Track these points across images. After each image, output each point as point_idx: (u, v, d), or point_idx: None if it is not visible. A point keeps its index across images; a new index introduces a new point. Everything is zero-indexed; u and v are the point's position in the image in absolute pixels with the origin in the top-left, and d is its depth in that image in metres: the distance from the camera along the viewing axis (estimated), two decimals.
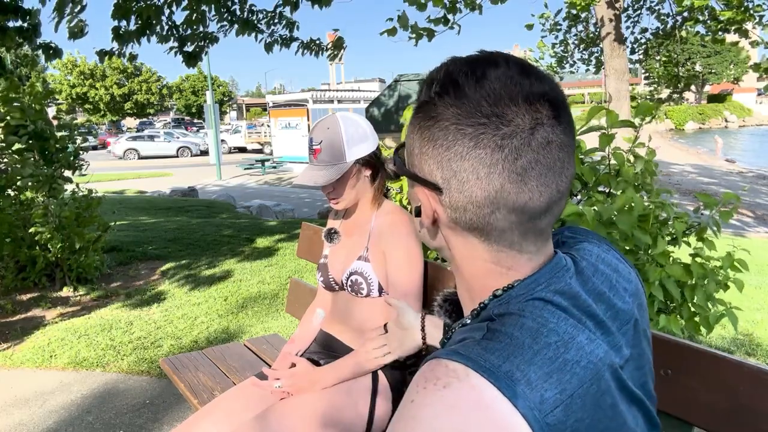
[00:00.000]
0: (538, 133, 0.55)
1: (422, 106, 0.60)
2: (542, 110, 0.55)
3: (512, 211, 0.57)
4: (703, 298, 1.70)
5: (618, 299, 0.63)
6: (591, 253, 0.67)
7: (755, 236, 7.96)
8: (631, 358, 0.62)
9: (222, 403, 1.46)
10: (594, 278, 0.63)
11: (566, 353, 0.53)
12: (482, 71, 0.56)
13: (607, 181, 1.87)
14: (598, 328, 0.58)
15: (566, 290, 0.59)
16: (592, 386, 0.53)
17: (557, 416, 0.50)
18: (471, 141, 0.55)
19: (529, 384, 0.50)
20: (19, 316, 3.85)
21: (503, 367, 0.50)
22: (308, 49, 5.88)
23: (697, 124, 42.41)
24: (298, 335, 1.69)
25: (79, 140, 4.41)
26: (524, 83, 0.56)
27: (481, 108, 0.55)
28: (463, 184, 0.57)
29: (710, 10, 9.08)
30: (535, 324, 0.54)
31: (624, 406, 0.58)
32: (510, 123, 0.55)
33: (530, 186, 0.56)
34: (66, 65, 38.51)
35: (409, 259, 1.46)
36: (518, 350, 0.52)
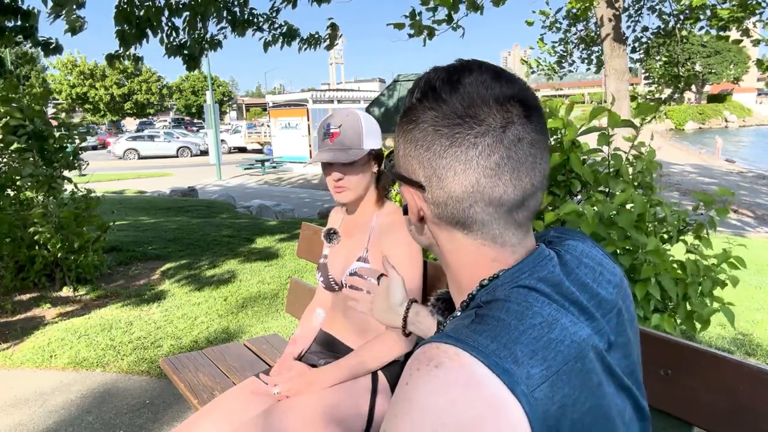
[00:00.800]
0: (509, 131, 0.60)
1: (406, 111, 0.66)
2: (513, 110, 0.61)
3: (489, 204, 0.62)
4: (698, 295, 1.70)
5: (602, 289, 0.66)
6: (575, 248, 0.70)
7: (755, 236, 7.97)
8: (616, 344, 0.65)
9: (222, 403, 1.46)
10: (578, 270, 0.66)
11: (550, 333, 0.56)
12: (457, 77, 0.62)
13: (607, 181, 1.87)
14: (581, 313, 0.61)
15: (549, 278, 0.62)
16: (577, 364, 0.56)
17: (544, 391, 0.52)
18: (447, 140, 0.61)
19: (515, 361, 0.53)
20: (19, 316, 3.85)
21: (491, 346, 0.54)
22: (308, 44, 5.88)
23: (697, 124, 42.41)
24: (300, 335, 1.69)
25: (78, 140, 4.41)
26: (495, 86, 0.61)
27: (456, 110, 0.60)
28: (442, 181, 0.62)
29: (711, 8, 9.08)
30: (520, 307, 0.58)
31: (611, 390, 0.60)
32: (482, 122, 0.60)
33: (504, 180, 0.61)
34: (66, 65, 38.50)
35: (410, 258, 1.46)
36: (504, 331, 0.55)
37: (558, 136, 1.98)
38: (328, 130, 1.46)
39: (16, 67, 6.45)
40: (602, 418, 0.57)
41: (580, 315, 0.61)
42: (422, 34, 5.40)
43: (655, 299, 1.69)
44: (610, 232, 1.72)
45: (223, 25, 5.59)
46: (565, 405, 0.54)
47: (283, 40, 5.78)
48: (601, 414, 0.57)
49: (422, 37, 5.42)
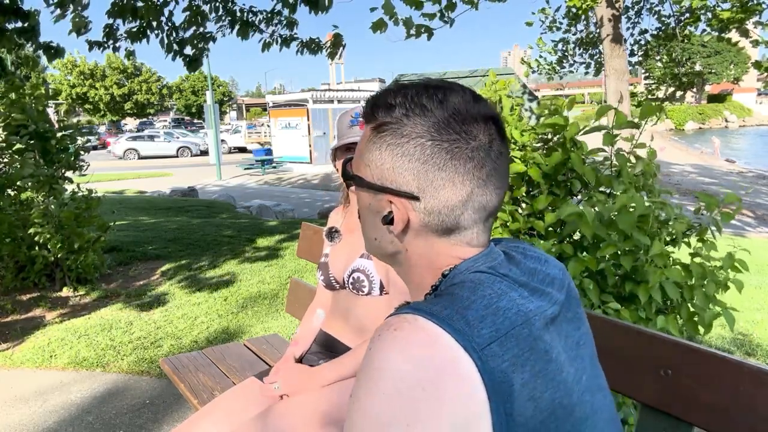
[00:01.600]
0: (494, 146, 0.68)
1: (386, 126, 0.69)
2: (493, 128, 0.68)
3: (477, 210, 0.69)
4: (703, 298, 1.70)
5: (550, 268, 0.75)
6: (519, 246, 0.78)
7: (756, 236, 7.96)
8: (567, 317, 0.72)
9: (222, 403, 1.46)
10: (525, 260, 0.74)
11: (499, 302, 0.63)
12: (443, 95, 0.67)
13: (609, 182, 1.87)
14: (531, 292, 0.68)
15: (502, 264, 0.70)
16: (524, 329, 0.62)
17: (493, 349, 0.58)
18: (447, 154, 0.66)
19: (467, 323, 0.59)
20: (19, 316, 3.85)
21: (444, 312, 0.60)
22: (307, 48, 5.87)
23: (697, 124, 42.39)
24: (301, 336, 1.68)
25: (80, 140, 4.41)
26: (478, 106, 0.68)
27: (452, 126, 0.66)
28: (438, 191, 0.67)
29: (711, 10, 9.08)
30: (472, 285, 0.65)
31: (562, 357, 0.66)
32: (476, 138, 0.67)
33: (490, 189, 0.69)
34: (66, 65, 38.52)
35: None
36: (457, 300, 0.62)
37: (560, 135, 1.98)
38: (357, 118, 1.49)
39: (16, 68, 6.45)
40: (553, 381, 0.62)
41: (527, 292, 0.67)
42: (420, 35, 5.37)
43: (657, 302, 1.68)
44: (610, 233, 1.72)
45: (223, 23, 5.57)
46: (515, 365, 0.59)
47: (282, 42, 5.77)
48: (552, 377, 0.62)
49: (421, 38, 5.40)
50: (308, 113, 19.14)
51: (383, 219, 0.71)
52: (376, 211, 0.73)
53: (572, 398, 0.65)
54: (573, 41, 12.34)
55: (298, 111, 19.60)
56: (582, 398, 0.67)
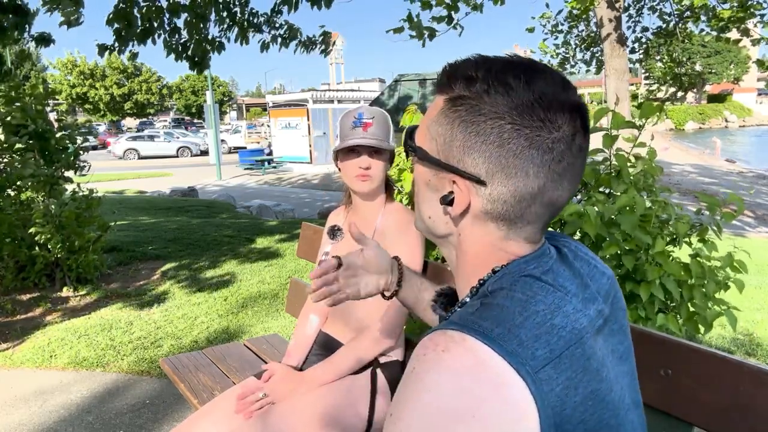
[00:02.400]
0: (577, 140, 0.62)
1: (462, 99, 0.63)
2: (578, 120, 0.62)
3: (545, 205, 0.64)
4: (702, 298, 1.70)
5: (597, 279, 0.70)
6: (571, 244, 0.74)
7: (756, 236, 7.96)
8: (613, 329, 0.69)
9: (221, 403, 1.46)
10: (575, 262, 0.70)
11: (553, 319, 0.58)
12: (530, 75, 0.61)
13: (608, 182, 1.87)
14: (581, 302, 0.63)
15: (553, 269, 0.65)
16: (578, 349, 0.58)
17: (548, 372, 0.54)
18: (526, 141, 0.60)
19: (520, 343, 0.54)
20: (19, 316, 3.85)
21: (496, 330, 0.55)
22: (303, 47, 5.88)
23: (697, 124, 42.38)
24: (293, 347, 1.65)
25: (80, 140, 4.41)
26: (566, 94, 0.62)
27: (536, 111, 0.60)
28: (509, 179, 0.61)
29: (711, 9, 9.08)
30: (524, 296, 0.60)
31: (610, 375, 0.62)
32: (560, 128, 0.61)
33: (563, 185, 0.63)
34: (66, 65, 38.51)
35: (411, 257, 1.47)
36: (509, 316, 0.57)
37: None
38: (360, 120, 1.48)
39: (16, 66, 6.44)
40: (602, 402, 0.59)
41: (580, 303, 0.63)
42: (423, 36, 5.39)
43: (659, 300, 1.68)
44: (612, 232, 1.72)
45: (226, 26, 5.57)
46: (568, 387, 0.55)
47: (281, 42, 5.77)
48: (602, 398, 0.59)
49: (423, 39, 5.42)
50: (308, 113, 19.14)
51: (443, 199, 0.67)
52: (435, 188, 0.68)
53: (618, 418, 0.62)
54: (574, 41, 12.35)
55: (298, 111, 19.60)
56: (626, 417, 0.64)
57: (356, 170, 1.48)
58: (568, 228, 1.79)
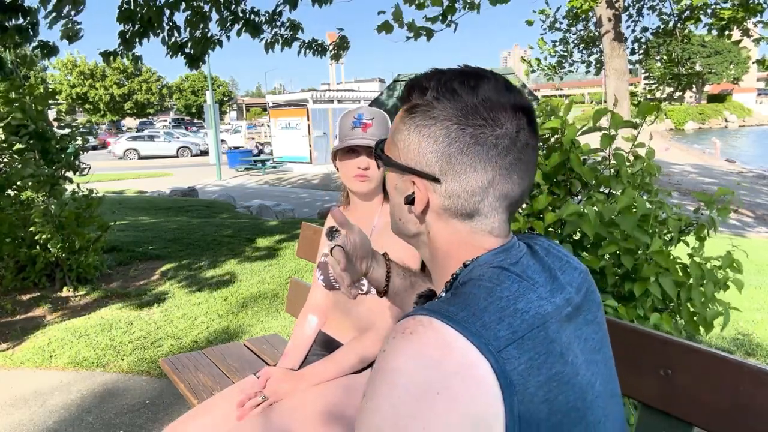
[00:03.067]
0: (521, 136, 0.68)
1: (417, 107, 0.70)
2: (523, 118, 0.68)
3: (497, 198, 0.69)
4: (701, 298, 1.70)
5: (569, 272, 0.74)
6: (543, 242, 0.78)
7: (755, 236, 7.96)
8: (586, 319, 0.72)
9: (220, 402, 1.45)
10: (546, 258, 0.73)
11: (516, 304, 0.62)
12: (475, 82, 0.67)
13: (608, 181, 1.87)
14: (548, 292, 0.67)
15: (521, 261, 0.69)
16: (541, 332, 0.61)
17: (510, 353, 0.58)
18: (471, 138, 0.66)
19: (484, 325, 0.58)
20: (19, 316, 3.85)
21: (461, 314, 0.59)
22: (310, 49, 5.87)
23: (697, 124, 42.39)
24: (291, 348, 1.64)
25: (80, 140, 4.41)
26: (509, 95, 0.68)
27: (479, 111, 0.66)
28: (459, 175, 0.67)
29: (712, 8, 9.08)
30: (490, 284, 0.64)
31: (578, 360, 0.65)
32: (502, 126, 0.66)
33: (513, 178, 0.68)
34: (66, 65, 38.52)
35: (407, 256, 1.47)
36: (474, 301, 0.61)
37: (558, 136, 1.98)
38: (360, 120, 1.48)
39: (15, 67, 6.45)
40: (568, 384, 0.62)
41: (546, 293, 0.66)
42: (419, 36, 5.39)
43: (655, 297, 1.68)
44: (611, 232, 1.72)
45: (227, 25, 5.57)
46: (531, 367, 0.59)
47: (283, 42, 5.76)
48: (567, 380, 0.62)
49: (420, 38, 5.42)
50: (308, 113, 19.13)
51: (405, 198, 0.73)
52: (401, 191, 0.75)
53: (585, 402, 0.64)
54: (573, 40, 12.35)
55: (298, 111, 19.60)
56: (595, 402, 0.67)
57: (355, 170, 1.48)
58: (568, 228, 1.79)
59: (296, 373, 1.48)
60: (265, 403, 1.40)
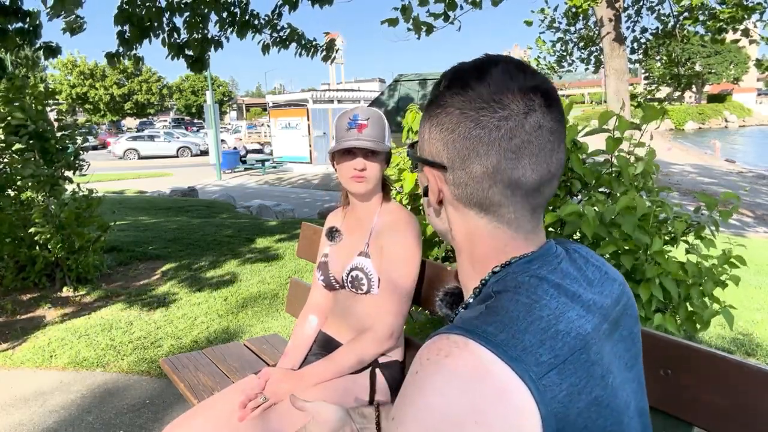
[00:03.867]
0: (531, 117, 0.63)
1: (433, 99, 0.69)
2: (535, 99, 0.64)
3: (508, 186, 0.64)
4: (700, 296, 1.70)
5: (607, 285, 0.70)
6: (582, 250, 0.74)
7: (755, 236, 7.96)
8: (621, 336, 0.68)
9: (220, 401, 1.45)
10: (585, 267, 0.70)
11: (557, 325, 0.58)
12: (486, 68, 0.65)
13: (609, 182, 1.87)
14: (587, 308, 0.63)
15: (559, 271, 0.65)
16: (582, 355, 0.58)
17: (552, 379, 0.54)
18: (472, 122, 0.63)
19: (524, 349, 0.54)
20: (19, 316, 3.85)
21: (500, 336, 0.55)
22: (305, 50, 5.88)
23: (697, 124, 42.38)
24: (291, 348, 1.65)
25: (80, 140, 4.41)
26: (520, 77, 0.64)
27: (483, 96, 0.63)
28: (464, 161, 0.65)
29: (710, 9, 9.08)
30: (528, 300, 0.60)
31: (615, 382, 0.62)
32: (506, 107, 0.63)
33: (523, 163, 0.63)
34: (66, 65, 38.52)
35: (406, 256, 1.47)
36: (513, 321, 0.57)
37: None
38: (355, 121, 1.48)
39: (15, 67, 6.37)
40: (607, 409, 0.59)
41: (586, 309, 0.63)
42: (421, 31, 5.41)
43: (657, 300, 1.69)
44: (611, 232, 1.72)
45: (226, 26, 5.58)
46: (572, 393, 0.55)
47: (280, 44, 5.77)
48: (606, 404, 0.59)
49: (420, 34, 5.43)
50: (308, 113, 19.14)
51: (424, 191, 0.72)
52: (422, 184, 0.74)
53: (622, 425, 0.62)
54: (572, 39, 12.34)
55: (298, 111, 19.60)
56: (630, 424, 0.64)
57: (351, 171, 1.49)
58: (568, 228, 1.80)
59: (296, 374, 1.48)
60: (264, 405, 1.40)
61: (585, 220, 1.67)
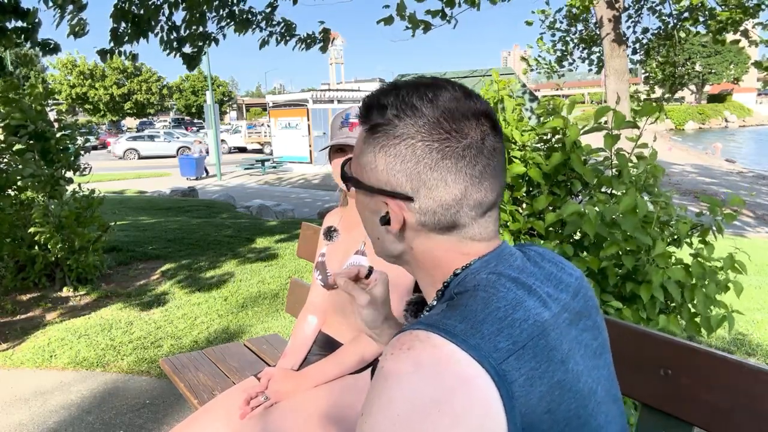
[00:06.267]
0: (487, 142, 0.67)
1: (379, 127, 0.68)
2: (486, 124, 0.67)
3: (472, 208, 0.68)
4: (703, 299, 1.70)
5: (565, 276, 0.74)
6: (537, 249, 0.77)
7: (756, 236, 7.97)
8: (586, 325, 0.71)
9: (222, 402, 1.46)
10: (542, 263, 0.73)
11: (514, 313, 0.61)
12: (433, 94, 0.66)
13: (609, 182, 1.87)
14: (545, 298, 0.66)
15: (516, 266, 0.69)
16: (541, 340, 0.60)
17: (511, 363, 0.57)
18: (438, 153, 0.65)
19: (482, 337, 0.57)
20: (19, 316, 3.85)
21: (459, 326, 0.58)
22: (303, 44, 5.89)
23: (697, 124, 42.41)
24: (291, 348, 1.64)
25: (80, 140, 4.41)
26: (469, 102, 0.67)
27: (442, 125, 0.65)
28: (431, 191, 0.66)
29: (710, 10, 9.08)
30: (486, 294, 0.63)
31: (579, 368, 0.64)
32: (467, 136, 0.66)
33: (485, 186, 0.67)
34: (66, 65, 38.51)
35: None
36: (472, 314, 0.60)
37: (560, 136, 1.97)
38: (347, 120, 1.49)
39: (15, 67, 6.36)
40: (569, 392, 0.61)
41: (542, 300, 0.65)
42: (417, 28, 5.42)
43: (660, 301, 1.68)
44: (613, 232, 1.72)
45: (223, 24, 5.58)
46: (533, 378, 0.58)
47: (280, 38, 5.78)
48: (568, 388, 0.61)
49: (416, 31, 5.44)
50: (308, 113, 19.14)
51: (381, 219, 0.71)
52: (374, 212, 0.73)
53: (587, 409, 0.64)
54: (573, 40, 12.33)
55: (298, 111, 19.61)
56: (597, 409, 0.66)
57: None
58: (569, 228, 1.79)
59: (297, 374, 1.48)
60: (266, 404, 1.40)
61: (586, 220, 1.67)
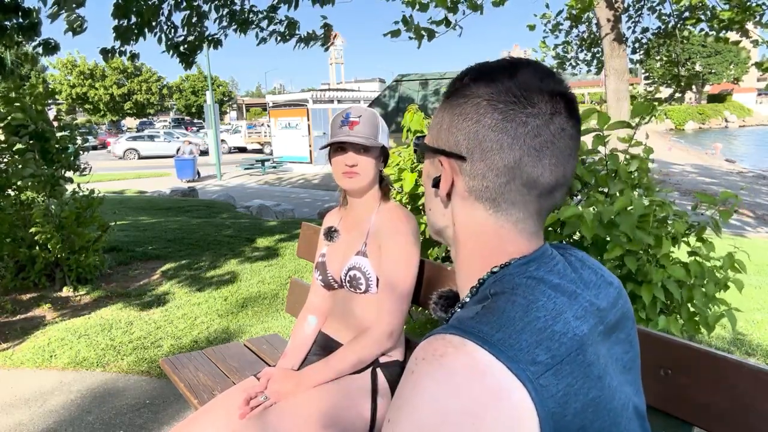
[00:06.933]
0: (556, 119, 0.64)
1: (455, 91, 0.68)
2: (561, 103, 0.64)
3: (525, 183, 0.64)
4: (702, 298, 1.70)
5: (604, 288, 0.70)
6: (578, 253, 0.74)
7: (755, 236, 7.96)
8: (619, 338, 0.68)
9: (221, 403, 1.46)
10: (582, 270, 0.70)
11: (554, 325, 0.57)
12: (515, 67, 0.66)
13: (605, 181, 1.87)
14: (584, 309, 0.63)
15: (556, 271, 0.65)
16: (579, 356, 0.57)
17: (548, 379, 0.53)
18: (500, 114, 0.63)
19: (521, 349, 0.54)
20: (19, 316, 3.85)
21: (496, 335, 0.55)
22: (303, 42, 5.89)
23: (697, 124, 42.41)
24: (291, 348, 1.65)
25: (80, 140, 4.41)
26: (548, 80, 0.65)
27: (512, 91, 0.64)
28: (485, 153, 0.64)
29: (711, 10, 9.08)
30: (525, 301, 0.59)
31: (613, 383, 0.62)
32: (535, 105, 0.63)
33: (544, 163, 0.64)
34: (66, 65, 38.51)
35: (405, 256, 1.47)
36: (510, 322, 0.56)
37: None
38: (347, 119, 1.50)
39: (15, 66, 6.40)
40: (604, 410, 0.58)
41: (583, 310, 0.62)
42: (422, 38, 5.42)
43: (660, 301, 1.68)
44: (614, 233, 1.72)
45: (224, 24, 5.58)
46: (569, 394, 0.55)
47: (281, 37, 5.78)
48: (603, 406, 0.58)
49: (421, 42, 5.44)
50: (308, 113, 19.14)
51: (432, 182, 0.70)
52: (430, 176, 0.72)
53: (619, 427, 0.61)
54: (575, 41, 12.33)
55: (298, 111, 19.61)
56: (628, 426, 0.64)
57: (343, 167, 1.51)
58: (567, 229, 1.79)
59: (297, 374, 1.48)
60: (266, 404, 1.40)
61: (584, 222, 1.67)
